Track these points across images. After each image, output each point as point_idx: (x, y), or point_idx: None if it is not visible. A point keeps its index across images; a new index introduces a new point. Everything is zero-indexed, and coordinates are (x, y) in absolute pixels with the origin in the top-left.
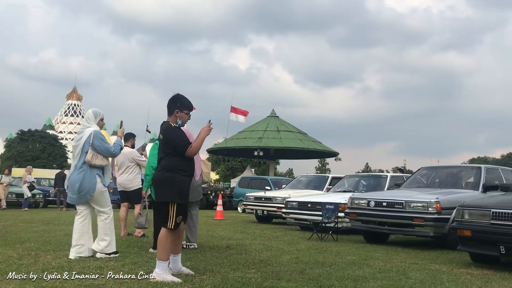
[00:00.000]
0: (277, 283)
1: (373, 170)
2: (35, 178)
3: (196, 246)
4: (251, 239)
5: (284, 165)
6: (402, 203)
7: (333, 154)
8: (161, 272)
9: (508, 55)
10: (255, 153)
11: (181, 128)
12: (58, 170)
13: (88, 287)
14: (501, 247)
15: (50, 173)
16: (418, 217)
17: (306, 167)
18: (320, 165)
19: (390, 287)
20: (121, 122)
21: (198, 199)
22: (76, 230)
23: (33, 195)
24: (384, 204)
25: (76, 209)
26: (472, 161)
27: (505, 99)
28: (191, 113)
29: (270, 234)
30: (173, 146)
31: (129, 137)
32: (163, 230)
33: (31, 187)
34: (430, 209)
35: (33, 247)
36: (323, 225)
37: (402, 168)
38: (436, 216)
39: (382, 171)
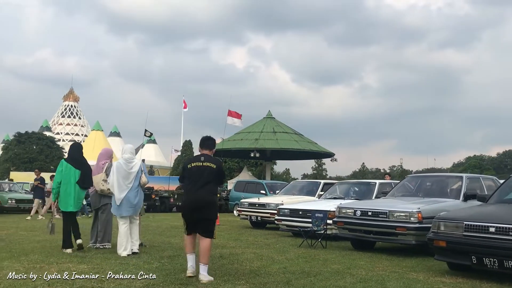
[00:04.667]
0: None
1: (370, 169)
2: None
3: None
4: (243, 247)
5: (280, 165)
6: (386, 212)
7: (329, 155)
8: (207, 274)
9: (506, 53)
10: (252, 155)
11: None
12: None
13: (88, 287)
14: (472, 257)
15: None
16: (400, 226)
17: (302, 167)
18: (316, 165)
19: None
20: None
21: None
22: (123, 234)
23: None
24: (369, 213)
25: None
26: (468, 159)
27: (502, 96)
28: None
29: (263, 242)
30: (222, 178)
31: None
32: (209, 240)
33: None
34: (412, 218)
35: (37, 260)
36: (313, 232)
37: (389, 172)
38: (417, 225)
39: (379, 170)
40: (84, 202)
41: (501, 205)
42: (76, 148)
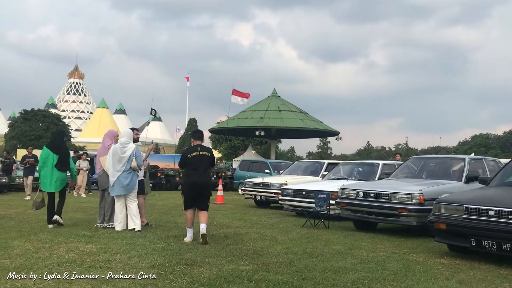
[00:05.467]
0: (266, 276)
1: (375, 148)
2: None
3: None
4: (248, 227)
5: (285, 144)
6: (388, 194)
7: (334, 134)
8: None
9: None
10: (257, 133)
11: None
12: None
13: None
14: (471, 239)
15: None
16: (402, 207)
17: (307, 146)
18: (321, 144)
19: (366, 279)
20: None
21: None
22: (118, 211)
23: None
24: (372, 195)
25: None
26: (474, 137)
27: (510, 74)
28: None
29: (266, 222)
30: (214, 163)
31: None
32: (206, 212)
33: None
34: (413, 200)
35: (46, 239)
36: (316, 212)
37: (400, 152)
38: (419, 207)
39: (384, 148)
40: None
41: (501, 188)
42: (57, 134)
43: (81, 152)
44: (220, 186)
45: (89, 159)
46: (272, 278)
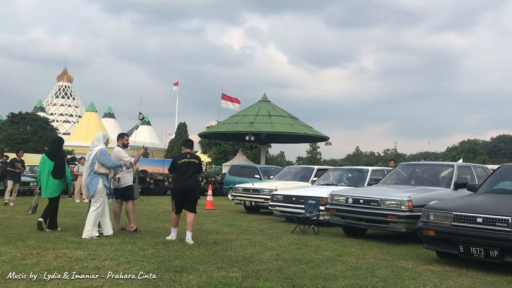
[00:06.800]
0: (255, 283)
1: (364, 153)
2: (28, 165)
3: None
4: (237, 233)
5: (275, 148)
6: (378, 200)
7: (324, 139)
8: (191, 238)
9: (506, 36)
10: (247, 138)
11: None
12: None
13: (88, 287)
14: (460, 246)
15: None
16: (391, 214)
17: (297, 150)
18: (311, 149)
19: (356, 286)
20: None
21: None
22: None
23: (27, 183)
24: (361, 201)
25: None
26: (462, 143)
27: (500, 80)
28: None
29: (256, 227)
30: (201, 170)
31: (119, 137)
32: (193, 215)
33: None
34: (402, 207)
35: (34, 245)
36: (306, 218)
37: (394, 159)
38: (408, 213)
39: (373, 153)
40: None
41: (489, 195)
42: (54, 141)
43: (79, 157)
44: (210, 191)
45: None
46: (262, 285)
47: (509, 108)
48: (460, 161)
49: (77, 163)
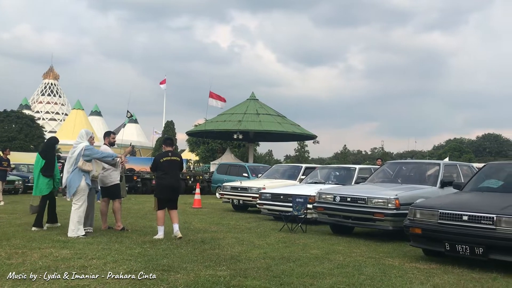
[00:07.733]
0: (243, 281)
1: (352, 151)
2: (13, 164)
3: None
4: (225, 232)
5: (264, 147)
6: (365, 199)
7: (311, 137)
8: (178, 230)
9: (492, 36)
10: (235, 136)
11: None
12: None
13: (88, 287)
14: (446, 244)
15: (30, 157)
16: (378, 212)
17: (285, 149)
18: (299, 147)
19: (343, 284)
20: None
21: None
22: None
23: (12, 182)
24: (349, 199)
25: None
26: (448, 142)
27: (486, 79)
28: None
29: (244, 226)
30: (183, 167)
31: (106, 135)
32: (176, 210)
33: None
34: (389, 205)
35: (19, 245)
36: (294, 216)
37: (381, 157)
38: (395, 211)
39: (361, 152)
40: None
41: (475, 193)
42: (48, 141)
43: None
44: (198, 190)
45: None
46: (250, 283)
47: (495, 107)
48: (446, 159)
49: (62, 161)
